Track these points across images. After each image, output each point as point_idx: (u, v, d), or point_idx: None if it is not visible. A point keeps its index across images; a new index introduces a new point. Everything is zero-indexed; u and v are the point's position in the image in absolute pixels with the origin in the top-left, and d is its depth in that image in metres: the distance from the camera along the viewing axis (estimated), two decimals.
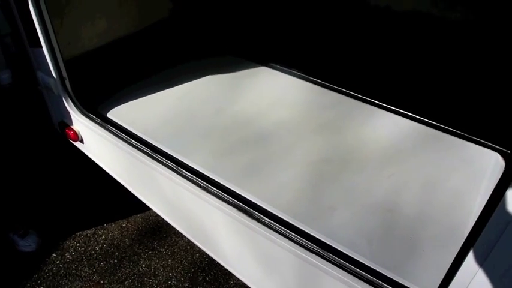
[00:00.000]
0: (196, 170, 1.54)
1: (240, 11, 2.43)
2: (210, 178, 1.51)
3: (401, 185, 1.55)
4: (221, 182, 1.50)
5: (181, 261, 2.28)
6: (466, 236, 1.16)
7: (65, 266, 2.26)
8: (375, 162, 1.64)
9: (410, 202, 1.47)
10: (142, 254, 2.33)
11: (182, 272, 2.24)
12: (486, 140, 1.73)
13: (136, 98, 1.97)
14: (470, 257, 0.91)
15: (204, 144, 1.69)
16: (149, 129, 1.75)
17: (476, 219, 1.34)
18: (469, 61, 1.86)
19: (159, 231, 2.46)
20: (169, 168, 1.54)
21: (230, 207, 1.40)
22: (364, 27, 2.12)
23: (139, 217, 2.54)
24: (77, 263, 2.27)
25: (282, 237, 1.30)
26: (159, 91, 2.02)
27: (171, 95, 1.99)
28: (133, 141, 1.65)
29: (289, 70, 2.13)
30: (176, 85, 2.06)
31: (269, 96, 1.99)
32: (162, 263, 2.28)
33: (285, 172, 1.58)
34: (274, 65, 2.19)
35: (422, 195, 1.51)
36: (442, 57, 1.89)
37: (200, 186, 1.46)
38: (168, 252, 2.33)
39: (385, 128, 1.80)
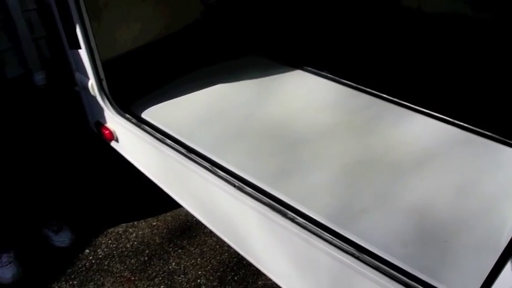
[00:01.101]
0: (230, 170, 1.57)
1: (270, 11, 2.44)
2: (244, 178, 1.53)
3: (434, 188, 1.53)
4: (255, 182, 1.52)
5: (210, 260, 2.31)
6: (501, 242, 1.16)
7: (97, 261, 2.32)
8: (407, 165, 1.63)
9: (443, 206, 1.46)
10: (172, 252, 2.36)
11: (211, 271, 2.26)
12: None
13: (170, 99, 2.01)
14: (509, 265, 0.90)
15: (238, 145, 1.72)
16: (183, 129, 1.79)
17: None
18: (505, 62, 1.83)
19: (188, 230, 2.50)
20: (204, 167, 1.57)
21: (264, 206, 1.41)
22: (395, 28, 2.11)
23: (169, 216, 2.58)
24: (108, 259, 2.33)
25: (316, 237, 1.31)
26: (191, 92, 2.06)
27: (202, 96, 2.03)
28: (168, 141, 1.68)
29: (319, 72, 2.14)
30: (207, 86, 2.10)
31: (300, 98, 2.01)
32: (191, 261, 2.31)
33: (318, 174, 1.58)
34: (304, 67, 2.20)
35: (456, 199, 1.49)
36: (476, 59, 1.86)
37: (234, 186, 1.49)
38: (198, 251, 2.36)
39: (418, 130, 1.79)
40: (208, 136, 1.76)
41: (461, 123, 1.80)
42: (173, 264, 2.31)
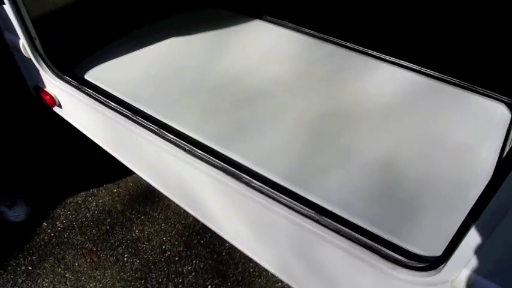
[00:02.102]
0: (180, 132, 1.44)
1: None
2: (195, 140, 1.41)
3: (400, 141, 1.44)
4: (207, 144, 1.40)
5: (175, 225, 2.23)
6: (472, 196, 1.08)
7: (57, 234, 2.21)
8: (372, 117, 1.54)
9: (410, 160, 1.38)
10: (134, 220, 2.27)
11: (176, 236, 2.19)
12: (491, 91, 1.61)
13: (116, 57, 1.83)
14: (481, 221, 0.82)
15: (189, 104, 1.58)
16: (130, 90, 1.63)
17: (484, 177, 1.27)
18: (469, 6, 1.71)
19: (150, 195, 2.39)
20: (151, 130, 1.43)
21: (217, 170, 1.30)
22: None
23: (129, 182, 2.46)
24: (68, 231, 2.22)
25: (273, 202, 1.22)
26: (139, 49, 1.87)
27: (152, 53, 1.85)
28: (113, 104, 1.53)
29: (279, 21, 1.98)
30: (158, 42, 1.91)
31: (258, 50, 1.85)
32: (155, 227, 2.23)
33: (277, 132, 1.47)
34: (264, 16, 2.03)
35: (424, 152, 1.41)
36: (440, 2, 1.74)
37: (185, 150, 1.36)
38: (161, 216, 2.27)
39: (383, 80, 1.68)
40: (157, 96, 1.61)
41: (428, 71, 1.70)
42: (136, 231, 2.22)
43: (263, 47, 1.89)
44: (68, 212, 2.31)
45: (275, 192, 1.24)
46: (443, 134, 1.46)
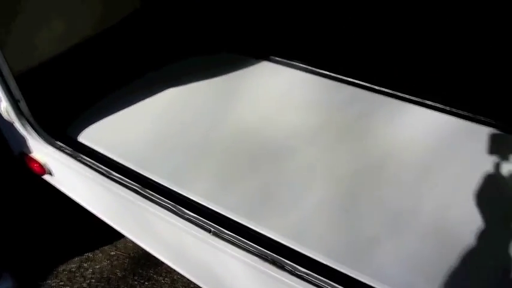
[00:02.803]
0: (201, 207, 1.22)
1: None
2: (221, 216, 1.20)
3: (449, 196, 1.27)
4: (236, 220, 1.19)
5: None
6: None
7: None
8: (413, 170, 1.36)
9: (465, 217, 1.20)
10: (138, 286, 2.03)
11: None
12: None
13: (115, 113, 1.61)
14: None
15: (203, 168, 1.38)
16: (134, 155, 1.42)
17: None
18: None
19: (153, 256, 2.14)
20: (166, 208, 1.22)
21: (253, 257, 1.09)
22: (375, 5, 1.80)
23: (128, 242, 2.21)
24: None
25: None
26: (141, 102, 1.66)
27: (156, 106, 1.65)
28: (116, 175, 1.31)
29: (292, 63, 1.80)
30: (161, 93, 1.71)
31: (273, 96, 1.67)
32: None
33: (308, 196, 1.29)
34: (274, 58, 1.84)
35: (478, 206, 1.24)
36: (472, 41, 1.59)
37: (210, 232, 1.15)
38: (167, 280, 2.04)
39: (414, 125, 1.52)
40: (166, 161, 1.41)
41: (461, 112, 1.54)
42: None
43: (277, 93, 1.71)
44: (61, 283, 2.06)
45: (324, 280, 1.03)
46: (495, 183, 1.29)
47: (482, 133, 1.47)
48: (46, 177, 1.63)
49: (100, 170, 1.33)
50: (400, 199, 1.27)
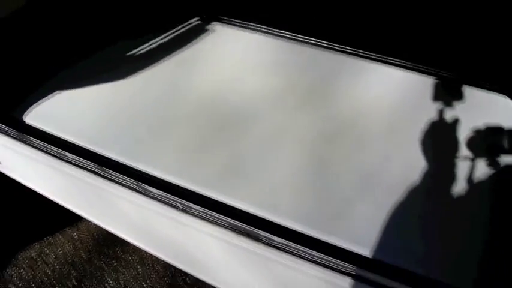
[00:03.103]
0: (165, 182, 1.16)
1: None
2: (189, 191, 1.14)
3: (414, 154, 1.27)
4: (203, 193, 1.14)
5: (154, 266, 1.95)
6: None
7: None
8: (379, 130, 1.35)
9: (430, 176, 1.21)
10: (105, 267, 1.96)
11: (157, 279, 1.91)
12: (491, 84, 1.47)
13: (69, 91, 1.48)
14: None
15: (167, 141, 1.30)
16: (90, 133, 1.32)
17: None
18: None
19: None
20: (127, 187, 1.14)
21: (225, 231, 1.05)
22: None
23: (91, 223, 2.12)
24: None
25: (306, 263, 0.99)
26: (94, 77, 1.53)
27: (110, 79, 1.52)
28: (70, 156, 1.21)
29: (250, 25, 1.71)
30: (115, 65, 1.58)
31: (234, 61, 1.59)
32: (131, 273, 1.93)
33: (279, 163, 1.25)
34: (231, 20, 1.74)
35: (442, 163, 1.25)
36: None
37: (178, 208, 1.09)
38: (136, 258, 1.98)
39: (380, 84, 1.50)
40: (125, 136, 1.31)
41: (424, 68, 1.53)
42: (110, 281, 1.91)
43: (237, 58, 1.63)
44: (22, 271, 1.95)
45: (303, 248, 1.01)
46: (458, 138, 1.31)
47: (444, 87, 1.47)
48: None
49: (51, 152, 1.23)
50: (367, 160, 1.26)
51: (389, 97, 1.46)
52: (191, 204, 1.09)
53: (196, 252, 1.21)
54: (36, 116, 1.37)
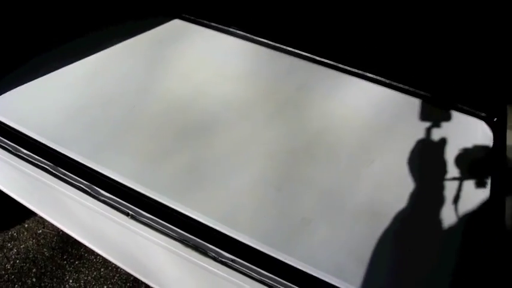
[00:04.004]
0: (120, 187, 1.11)
1: None
2: (142, 197, 1.10)
3: (384, 175, 1.23)
4: (158, 200, 1.10)
5: (117, 269, 1.90)
6: None
7: None
8: (349, 146, 1.31)
9: (399, 198, 1.16)
10: (67, 266, 1.91)
11: (119, 282, 1.87)
12: (469, 107, 1.44)
13: (31, 82, 1.43)
14: None
15: (128, 144, 1.26)
16: (49, 129, 1.27)
17: None
18: (444, 19, 1.52)
19: None
20: (79, 189, 1.09)
21: (174, 242, 1.00)
22: None
23: None
24: None
25: (253, 282, 0.94)
26: (60, 70, 1.49)
27: (77, 75, 1.48)
28: (24, 151, 1.16)
29: (229, 29, 1.67)
30: (84, 60, 1.54)
31: (208, 65, 1.55)
32: (93, 274, 1.88)
33: (241, 175, 1.20)
34: (211, 24, 1.70)
35: (413, 185, 1.20)
36: (416, 13, 1.53)
37: (128, 215, 1.04)
38: (99, 259, 1.93)
39: (356, 99, 1.46)
40: (86, 135, 1.27)
41: (402, 86, 1.50)
42: (70, 281, 1.86)
43: (212, 61, 1.58)
44: None
45: (251, 267, 0.97)
46: (429, 159, 1.27)
47: (419, 107, 1.44)
48: None
49: (6, 146, 1.18)
50: (334, 178, 1.22)
51: (364, 113, 1.42)
52: (141, 211, 1.04)
53: (144, 259, 1.17)
54: None
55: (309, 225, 1.10)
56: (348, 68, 1.52)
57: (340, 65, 1.53)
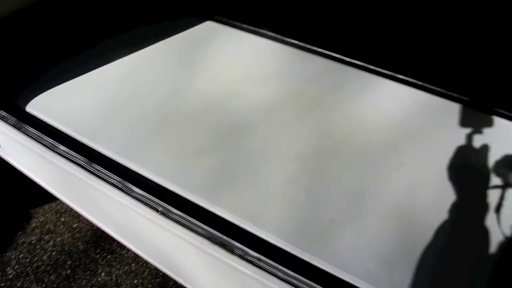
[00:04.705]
0: (151, 184, 1.14)
1: None
2: (172, 195, 1.12)
3: (415, 179, 1.20)
4: (188, 198, 1.12)
5: (147, 265, 1.94)
6: None
7: (8, 284, 1.88)
8: (380, 149, 1.29)
9: (431, 201, 1.13)
10: (100, 260, 1.96)
11: (149, 278, 1.91)
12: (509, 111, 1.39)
13: (67, 81, 1.49)
14: None
15: (160, 143, 1.29)
16: (83, 125, 1.32)
17: None
18: (483, 20, 1.47)
19: None
20: (112, 185, 1.13)
21: (201, 239, 1.02)
22: None
23: None
24: (22, 278, 1.90)
25: (279, 281, 0.95)
26: (96, 69, 1.54)
27: (112, 74, 1.53)
28: (61, 148, 1.21)
29: (260, 31, 1.68)
30: (118, 60, 1.58)
31: (238, 66, 1.56)
32: (124, 268, 1.93)
33: (270, 176, 1.21)
34: (242, 25, 1.72)
35: (445, 189, 1.17)
36: (452, 13, 1.49)
37: (158, 211, 1.07)
38: (131, 254, 1.97)
39: (387, 101, 1.43)
40: (118, 134, 1.30)
41: (436, 88, 1.46)
42: (103, 274, 1.92)
43: (242, 62, 1.60)
44: (21, 255, 1.98)
45: (278, 267, 0.97)
46: (463, 164, 1.23)
47: (454, 111, 1.40)
48: None
49: (44, 142, 1.23)
50: (363, 180, 1.21)
51: (395, 116, 1.40)
52: (171, 208, 1.07)
53: (172, 255, 1.19)
54: (36, 104, 1.38)
55: (337, 227, 1.10)
56: (380, 70, 1.50)
57: (371, 67, 1.50)
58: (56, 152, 1.21)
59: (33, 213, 2.12)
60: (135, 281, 1.89)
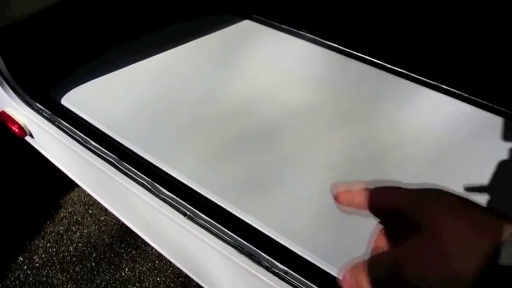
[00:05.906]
0: (179, 187, 1.11)
1: None
2: (200, 199, 1.09)
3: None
4: (217, 203, 1.09)
5: (171, 263, 1.93)
6: None
7: (34, 272, 1.91)
8: (419, 161, 1.23)
9: None
10: (124, 255, 1.97)
11: (172, 277, 1.90)
12: None
13: (102, 76, 1.49)
14: None
15: (190, 145, 1.26)
16: (115, 122, 1.31)
17: None
18: None
19: None
20: (141, 185, 1.11)
21: (228, 247, 0.99)
22: None
23: None
24: (47, 267, 1.92)
25: None
26: (130, 66, 1.53)
27: (146, 72, 1.51)
28: (92, 143, 1.20)
29: (300, 33, 1.63)
30: (153, 57, 1.57)
31: (275, 69, 1.52)
32: (148, 265, 1.93)
33: (299, 183, 1.16)
34: (281, 26, 1.67)
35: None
36: (498, 30, 1.40)
37: (185, 215, 1.04)
38: (155, 251, 1.97)
39: (429, 112, 1.37)
40: (149, 133, 1.28)
41: (482, 101, 1.38)
42: (126, 270, 1.92)
43: (280, 65, 1.55)
44: (48, 244, 2.01)
45: (304, 281, 0.92)
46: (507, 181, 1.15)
47: (500, 126, 1.31)
48: (28, 139, 1.53)
49: (76, 137, 1.22)
50: None
51: (437, 128, 1.33)
52: (199, 213, 1.03)
53: (197, 259, 1.16)
54: (71, 98, 1.38)
55: (367, 243, 1.04)
56: (423, 79, 1.42)
57: (414, 75, 1.43)
58: (87, 148, 1.20)
59: (62, 203, 2.14)
60: (158, 279, 1.89)
